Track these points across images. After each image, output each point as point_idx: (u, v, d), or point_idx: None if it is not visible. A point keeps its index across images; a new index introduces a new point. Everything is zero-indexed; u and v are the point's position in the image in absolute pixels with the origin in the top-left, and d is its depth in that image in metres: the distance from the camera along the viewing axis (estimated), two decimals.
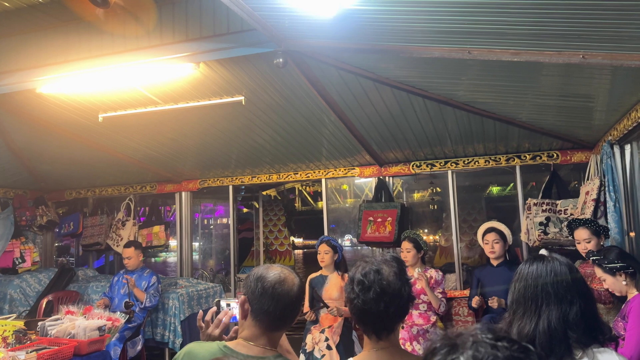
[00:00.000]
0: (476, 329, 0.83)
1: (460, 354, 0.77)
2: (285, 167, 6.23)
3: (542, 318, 1.65)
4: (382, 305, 1.56)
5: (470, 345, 0.78)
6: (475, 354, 0.76)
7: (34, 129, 5.06)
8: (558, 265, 1.73)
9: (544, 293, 1.69)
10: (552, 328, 1.63)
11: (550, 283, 1.69)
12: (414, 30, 2.83)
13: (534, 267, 1.75)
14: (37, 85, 3.84)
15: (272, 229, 9.79)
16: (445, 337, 0.83)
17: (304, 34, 3.12)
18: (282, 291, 1.68)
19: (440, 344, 0.81)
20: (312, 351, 4.57)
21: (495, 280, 4.48)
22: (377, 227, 5.63)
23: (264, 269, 1.74)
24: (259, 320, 1.68)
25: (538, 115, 4.28)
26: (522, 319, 1.68)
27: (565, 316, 1.64)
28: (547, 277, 1.71)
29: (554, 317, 1.64)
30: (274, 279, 1.69)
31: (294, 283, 1.72)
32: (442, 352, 0.79)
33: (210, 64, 3.57)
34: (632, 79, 3.05)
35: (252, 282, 1.71)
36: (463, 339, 0.80)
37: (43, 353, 3.37)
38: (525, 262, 1.82)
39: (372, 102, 4.14)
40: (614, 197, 3.81)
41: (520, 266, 1.81)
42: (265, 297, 1.67)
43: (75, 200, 7.53)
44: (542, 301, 1.68)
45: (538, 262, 1.76)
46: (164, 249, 7.08)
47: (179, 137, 5.25)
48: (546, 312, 1.66)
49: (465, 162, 5.65)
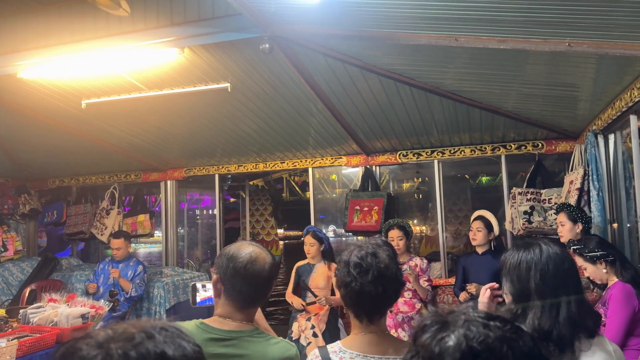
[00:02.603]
0: (468, 307, 0.81)
1: (452, 332, 0.75)
2: (272, 155, 6.20)
3: (562, 307, 1.57)
4: (380, 288, 1.56)
5: (461, 324, 0.76)
6: (466, 333, 0.74)
7: (15, 116, 4.96)
8: (563, 252, 1.65)
9: (564, 283, 1.60)
10: (572, 317, 1.55)
11: (565, 271, 1.62)
12: (401, 17, 2.81)
13: (545, 252, 1.64)
14: (17, 70, 3.76)
15: (259, 218, 9.76)
16: (436, 314, 0.80)
17: (290, 20, 3.09)
18: (254, 271, 1.66)
19: (430, 321, 0.79)
20: (299, 339, 4.58)
21: (480, 268, 4.53)
22: (363, 216, 5.64)
23: (236, 248, 1.71)
24: (232, 299, 1.68)
25: (523, 105, 4.30)
26: (542, 311, 1.58)
27: (582, 302, 1.59)
28: (562, 264, 1.62)
29: (573, 304, 1.57)
30: (245, 258, 1.67)
31: (266, 262, 1.71)
32: (432, 329, 0.77)
33: (195, 49, 3.52)
34: (617, 68, 3.07)
35: (224, 262, 1.68)
36: (454, 317, 0.78)
37: (25, 341, 3.33)
38: (525, 250, 1.68)
39: (359, 90, 4.12)
40: (598, 186, 3.85)
41: (521, 256, 1.67)
42: (237, 278, 1.65)
43: (59, 189, 7.43)
44: (562, 290, 1.59)
45: (547, 247, 1.66)
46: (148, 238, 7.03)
47: (164, 124, 5.19)
48: (565, 300, 1.57)
49: (452, 151, 5.67)
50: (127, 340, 0.73)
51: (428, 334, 0.77)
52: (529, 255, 1.66)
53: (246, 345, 1.65)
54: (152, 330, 0.76)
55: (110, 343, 0.72)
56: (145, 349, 0.73)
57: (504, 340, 0.73)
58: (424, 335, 0.77)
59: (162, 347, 0.74)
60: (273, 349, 1.68)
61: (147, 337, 0.74)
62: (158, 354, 0.73)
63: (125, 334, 0.74)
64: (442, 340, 0.74)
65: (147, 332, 0.75)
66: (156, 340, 0.74)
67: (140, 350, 0.72)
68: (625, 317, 2.75)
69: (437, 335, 0.76)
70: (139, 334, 0.74)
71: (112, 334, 0.74)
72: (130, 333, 0.74)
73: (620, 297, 2.80)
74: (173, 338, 0.77)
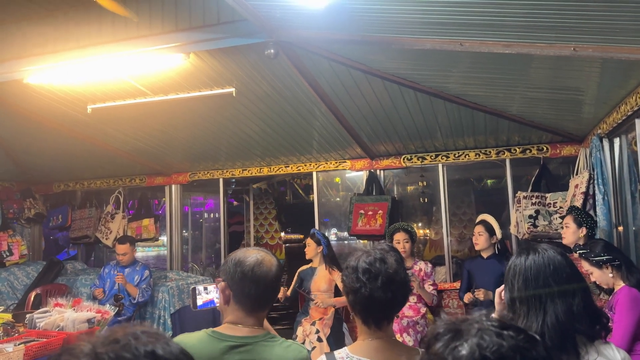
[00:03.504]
0: (482, 315, 0.79)
1: (465, 341, 0.74)
2: (276, 160, 6.21)
3: (548, 313, 1.57)
4: (389, 293, 1.56)
5: (475, 333, 0.75)
6: (480, 342, 0.73)
7: (21, 121, 4.99)
8: (554, 255, 1.65)
9: (547, 286, 1.60)
10: (560, 322, 1.55)
11: (550, 275, 1.62)
12: (405, 22, 2.82)
13: (530, 260, 1.66)
14: (24, 75, 3.78)
15: (263, 222, 9.75)
16: (449, 322, 0.79)
17: (295, 25, 3.10)
18: (261, 273, 1.70)
19: (443, 330, 0.78)
20: (303, 343, 4.58)
21: (484, 272, 4.53)
22: (367, 219, 5.64)
23: (242, 254, 1.76)
24: (241, 303, 1.70)
25: (528, 109, 4.30)
26: (527, 317, 1.59)
27: (570, 309, 1.57)
28: (546, 269, 1.62)
29: (560, 310, 1.57)
30: (252, 262, 1.71)
31: (272, 263, 1.75)
32: (445, 338, 0.76)
33: (201, 54, 3.54)
34: (622, 72, 3.07)
35: (231, 267, 1.72)
36: (468, 326, 0.77)
37: (31, 345, 3.34)
38: (517, 255, 1.73)
39: (364, 95, 4.13)
40: (603, 190, 3.84)
41: (512, 260, 1.72)
42: (246, 281, 1.69)
43: (64, 193, 7.45)
44: (546, 295, 1.59)
45: (533, 254, 1.67)
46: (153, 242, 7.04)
47: (168, 129, 5.20)
48: (551, 306, 1.58)
49: (456, 155, 5.66)
50: (114, 342, 0.74)
51: (441, 343, 0.76)
52: (517, 260, 1.70)
53: (262, 350, 1.67)
54: (137, 332, 0.77)
55: (98, 348, 0.73)
56: (135, 348, 0.73)
57: (517, 349, 0.73)
58: (437, 344, 0.77)
59: (151, 347, 0.75)
60: (288, 352, 1.69)
61: (133, 339, 0.75)
62: (148, 352, 0.74)
63: (110, 338, 0.75)
64: (455, 349, 0.74)
65: (133, 334, 0.76)
66: (143, 341, 0.75)
67: (131, 351, 0.73)
68: (632, 321, 2.74)
69: (450, 344, 0.75)
70: (125, 337, 0.75)
71: (97, 340, 0.75)
72: (116, 337, 0.75)
73: (626, 302, 2.79)
74: (158, 338, 0.78)
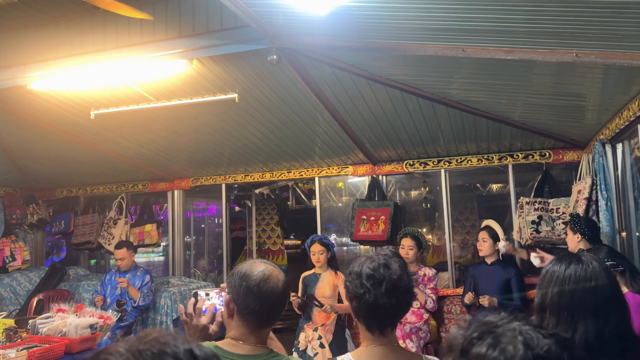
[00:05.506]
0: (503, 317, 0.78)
1: (510, 341, 0.73)
2: (279, 165, 6.21)
3: (578, 332, 1.46)
4: (394, 300, 1.54)
5: (517, 333, 0.74)
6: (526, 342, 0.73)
7: (25, 126, 5.01)
8: (598, 271, 1.54)
9: (582, 304, 1.50)
10: (589, 344, 1.44)
11: (589, 292, 1.50)
12: (407, 28, 2.83)
13: (571, 270, 1.54)
14: (28, 81, 3.80)
15: (265, 228, 9.74)
16: (479, 324, 0.77)
17: (298, 31, 3.11)
18: (267, 289, 1.63)
19: (479, 333, 0.76)
20: (305, 349, 4.56)
21: (489, 278, 4.52)
22: (370, 225, 5.63)
23: (248, 267, 1.69)
24: (245, 319, 1.64)
25: (530, 115, 4.30)
26: (555, 329, 1.47)
27: (602, 333, 1.47)
28: (586, 284, 1.50)
29: (591, 332, 1.46)
30: (258, 277, 1.64)
31: (279, 279, 1.68)
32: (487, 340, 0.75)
33: (204, 60, 3.55)
34: (624, 78, 3.07)
35: (236, 281, 1.65)
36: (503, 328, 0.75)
37: (34, 351, 3.34)
38: (557, 261, 1.62)
39: (366, 101, 4.14)
40: (606, 195, 3.83)
41: (551, 266, 1.61)
42: (251, 297, 1.62)
43: (67, 199, 7.46)
44: (580, 313, 1.48)
45: (575, 264, 1.56)
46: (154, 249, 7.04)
47: (171, 135, 5.22)
48: (582, 325, 1.47)
49: (458, 161, 5.66)
50: (154, 340, 0.77)
51: (483, 346, 0.75)
52: (555, 267, 1.61)
53: None
54: (173, 333, 0.80)
55: (139, 346, 0.75)
56: (175, 346, 0.76)
57: (564, 348, 0.74)
58: (478, 348, 0.75)
59: (189, 346, 0.78)
60: None
61: (172, 338, 0.78)
62: (187, 351, 0.77)
63: (149, 337, 0.78)
64: (504, 350, 0.73)
65: (170, 334, 0.79)
66: (181, 340, 0.78)
67: (172, 348, 0.76)
68: (636, 328, 2.73)
69: (496, 344, 0.74)
70: (164, 337, 0.78)
71: (137, 339, 0.78)
72: (155, 336, 0.78)
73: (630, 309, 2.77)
74: (192, 340, 0.81)
